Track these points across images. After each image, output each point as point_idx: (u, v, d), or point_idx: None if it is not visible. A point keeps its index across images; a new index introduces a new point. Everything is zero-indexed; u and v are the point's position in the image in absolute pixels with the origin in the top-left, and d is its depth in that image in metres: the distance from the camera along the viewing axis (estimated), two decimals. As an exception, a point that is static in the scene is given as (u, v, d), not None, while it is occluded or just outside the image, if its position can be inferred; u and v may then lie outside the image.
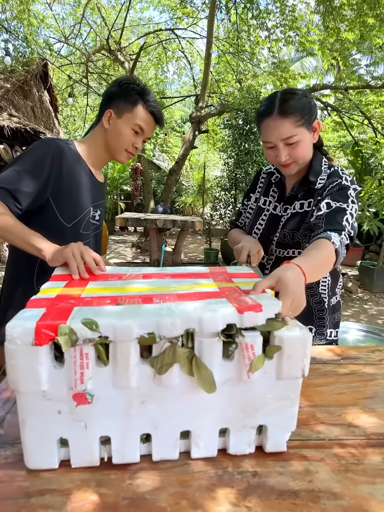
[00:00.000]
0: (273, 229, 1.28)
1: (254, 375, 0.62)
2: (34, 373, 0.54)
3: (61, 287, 0.74)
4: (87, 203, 1.31)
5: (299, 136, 1.09)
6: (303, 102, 1.10)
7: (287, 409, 0.68)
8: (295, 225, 1.22)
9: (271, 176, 1.34)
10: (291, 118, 1.07)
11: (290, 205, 1.25)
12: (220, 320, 0.60)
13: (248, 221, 1.39)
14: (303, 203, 1.23)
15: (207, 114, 7.47)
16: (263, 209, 1.33)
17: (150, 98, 1.26)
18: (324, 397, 0.90)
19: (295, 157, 1.13)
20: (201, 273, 0.90)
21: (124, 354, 0.57)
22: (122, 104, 1.24)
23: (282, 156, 1.11)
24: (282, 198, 1.29)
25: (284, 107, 1.07)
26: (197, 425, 0.66)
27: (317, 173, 1.20)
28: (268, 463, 0.68)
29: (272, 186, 1.33)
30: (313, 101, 1.14)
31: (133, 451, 0.64)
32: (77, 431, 0.60)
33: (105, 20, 8.38)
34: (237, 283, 0.81)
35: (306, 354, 0.64)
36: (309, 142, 1.15)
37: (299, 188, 1.23)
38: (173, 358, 0.59)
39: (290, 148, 1.11)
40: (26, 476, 0.61)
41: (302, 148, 1.12)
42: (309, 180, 1.19)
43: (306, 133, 1.11)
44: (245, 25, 7.61)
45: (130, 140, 1.26)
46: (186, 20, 8.60)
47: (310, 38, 6.95)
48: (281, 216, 1.27)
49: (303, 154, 1.14)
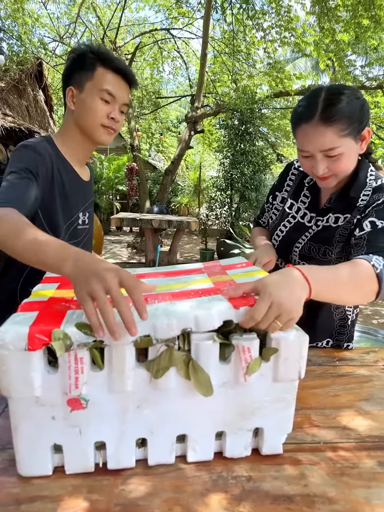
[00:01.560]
0: (296, 238, 1.14)
1: (251, 378, 0.62)
2: (27, 379, 0.53)
3: (54, 289, 0.73)
4: (75, 211, 1.19)
5: (343, 148, 0.91)
6: (353, 107, 0.90)
7: (283, 411, 0.68)
8: (325, 240, 1.07)
9: (305, 177, 1.17)
10: (336, 127, 0.88)
11: (323, 217, 1.09)
12: (216, 317, 0.60)
13: (272, 222, 1.26)
14: (339, 217, 1.06)
15: (203, 114, 7.47)
16: (288, 213, 1.18)
17: (109, 56, 1.09)
18: (319, 399, 0.90)
19: (335, 171, 0.95)
20: (195, 269, 0.89)
21: (119, 358, 0.57)
22: (80, 75, 1.08)
23: (320, 169, 0.94)
24: (314, 207, 1.12)
25: (329, 113, 0.88)
26: (193, 429, 0.65)
27: (361, 187, 1.02)
28: (263, 467, 0.67)
29: (303, 190, 1.16)
30: (366, 104, 0.94)
31: (128, 456, 0.64)
32: (72, 437, 0.59)
33: (100, 20, 8.35)
34: (232, 276, 0.80)
35: (302, 356, 0.64)
36: (354, 155, 0.96)
37: (337, 202, 1.06)
38: (170, 361, 0.59)
39: (330, 161, 0.93)
40: (17, 483, 0.60)
41: (345, 162, 0.94)
42: (349, 195, 1.03)
43: (352, 144, 0.92)
44: (240, 25, 7.61)
45: (101, 111, 1.09)
46: (181, 20, 8.59)
47: (305, 39, 6.97)
48: (309, 227, 1.11)
49: (345, 168, 0.96)
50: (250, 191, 6.82)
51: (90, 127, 1.11)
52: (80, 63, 1.09)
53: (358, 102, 0.91)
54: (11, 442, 0.59)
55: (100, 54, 1.09)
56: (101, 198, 10.38)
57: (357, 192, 1.02)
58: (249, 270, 0.85)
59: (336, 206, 1.06)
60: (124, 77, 1.11)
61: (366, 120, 0.94)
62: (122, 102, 1.12)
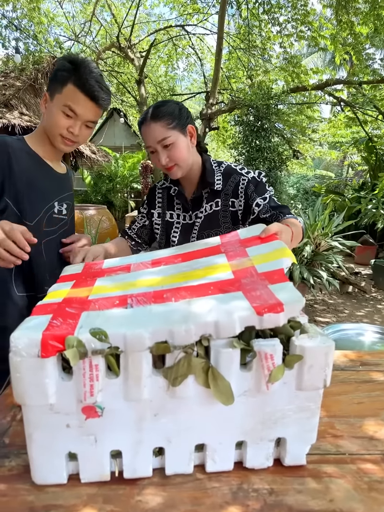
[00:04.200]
0: (188, 236, 1.35)
1: (273, 386, 0.59)
2: (41, 386, 0.51)
3: (68, 288, 0.71)
4: (48, 198, 1.25)
5: (173, 138, 1.17)
6: (172, 108, 1.19)
7: (307, 420, 0.64)
8: (213, 225, 1.31)
9: (169, 190, 1.39)
10: (162, 122, 1.17)
11: (198, 210, 1.33)
12: (238, 323, 0.56)
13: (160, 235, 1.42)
14: (212, 204, 1.31)
15: (218, 111, 7.41)
16: (172, 222, 1.39)
17: (83, 72, 1.10)
18: (343, 407, 0.86)
19: (174, 159, 1.20)
20: (213, 247, 0.86)
21: (135, 365, 0.54)
22: (54, 84, 1.13)
23: (162, 159, 1.19)
24: (187, 208, 1.35)
25: (156, 112, 1.18)
26: (212, 438, 0.63)
27: (211, 173, 1.29)
28: (285, 479, 0.64)
29: (174, 199, 1.39)
30: (185, 108, 1.24)
31: (145, 465, 0.61)
32: (87, 445, 0.57)
33: (115, 18, 8.35)
34: (253, 259, 0.75)
35: (328, 363, 0.60)
36: (185, 145, 1.22)
37: (199, 190, 1.30)
38: (188, 369, 0.56)
39: (167, 151, 1.19)
40: (31, 490, 0.59)
41: (179, 150, 1.19)
42: (207, 180, 1.28)
43: (180, 136, 1.20)
44: (256, 20, 7.50)
45: (60, 124, 1.13)
46: (196, 16, 8.53)
47: (322, 33, 6.83)
48: (194, 222, 1.34)
49: (181, 155, 1.20)
50: (265, 188, 6.72)
51: (50, 134, 1.18)
52: (56, 72, 1.14)
53: (176, 106, 1.22)
54: (25, 447, 0.57)
55: (76, 70, 1.11)
56: (116, 196, 10.42)
57: (211, 177, 1.28)
58: (271, 250, 0.78)
59: (200, 193, 1.30)
60: (90, 96, 1.13)
61: (188, 119, 1.23)
62: (85, 118, 1.16)
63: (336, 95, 7.43)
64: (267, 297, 0.60)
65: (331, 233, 4.06)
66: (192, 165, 1.28)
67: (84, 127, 1.18)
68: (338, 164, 15.27)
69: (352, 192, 8.06)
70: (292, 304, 0.58)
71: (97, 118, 1.21)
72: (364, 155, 8.28)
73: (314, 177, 12.84)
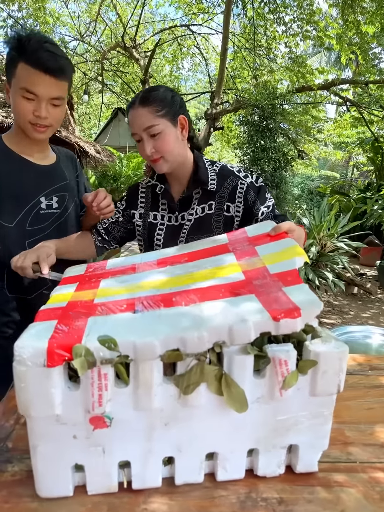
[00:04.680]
0: (174, 239, 1.23)
1: (287, 392, 0.58)
2: (47, 396, 0.50)
3: (72, 291, 0.69)
4: (31, 196, 1.17)
5: (161, 126, 1.07)
6: (164, 94, 1.10)
7: (320, 427, 0.63)
8: (204, 229, 1.20)
9: (154, 189, 1.27)
10: (151, 108, 1.07)
11: (186, 211, 1.22)
12: (253, 330, 0.54)
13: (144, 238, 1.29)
14: (204, 206, 1.21)
15: (223, 110, 7.38)
16: (155, 224, 1.26)
17: (32, 46, 0.99)
18: (352, 413, 0.85)
19: (160, 151, 1.10)
20: (220, 245, 0.82)
21: (146, 374, 0.53)
22: (8, 69, 1.03)
23: (147, 149, 1.09)
24: (174, 208, 1.24)
25: (145, 97, 1.08)
26: (224, 447, 0.61)
27: (205, 171, 1.19)
28: (295, 488, 0.63)
29: (159, 199, 1.27)
30: (178, 96, 1.14)
31: (154, 476, 0.60)
32: (94, 456, 0.56)
33: (120, 17, 8.34)
34: (263, 259, 0.72)
35: (342, 368, 0.59)
36: (174, 136, 1.11)
37: (190, 189, 1.21)
38: (201, 376, 0.54)
39: (154, 141, 1.09)
40: (34, 497, 0.58)
41: (166, 141, 1.09)
42: (199, 179, 1.18)
43: (170, 125, 1.10)
44: (261, 19, 7.46)
45: (24, 109, 1.04)
46: (201, 16, 8.50)
47: (328, 32, 6.78)
48: (182, 225, 1.22)
49: (168, 147, 1.10)
50: (270, 189, 6.70)
51: (21, 124, 1.10)
52: (7, 57, 1.03)
53: (169, 92, 1.12)
54: (28, 451, 0.56)
55: (21, 48, 0.99)
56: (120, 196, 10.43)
57: (204, 175, 1.18)
58: (282, 248, 0.74)
59: (190, 193, 1.20)
60: (43, 68, 1.00)
61: (180, 108, 1.12)
62: (48, 97, 1.04)
63: (342, 95, 7.38)
64: (282, 301, 0.58)
65: (337, 234, 4.03)
66: (181, 161, 1.18)
67: (51, 106, 1.06)
68: (343, 165, 15.18)
69: (358, 192, 8.01)
70: (309, 308, 0.56)
71: (62, 93, 1.07)
72: (370, 155, 8.22)
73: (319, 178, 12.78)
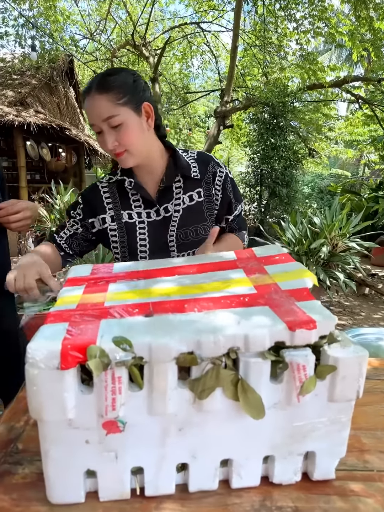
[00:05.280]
0: (164, 234, 1.11)
1: (305, 398, 0.55)
2: (59, 400, 0.48)
3: (80, 293, 0.67)
4: None
5: (123, 117, 0.95)
6: (125, 78, 0.97)
7: (337, 433, 0.60)
8: (195, 218, 1.11)
9: (121, 184, 1.11)
10: (110, 95, 0.94)
11: (169, 202, 1.10)
12: (268, 338, 0.53)
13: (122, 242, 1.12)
14: (192, 194, 1.10)
15: (233, 108, 7.35)
16: (133, 223, 1.11)
17: None
18: (369, 419, 0.81)
19: (124, 144, 0.98)
20: (228, 261, 0.81)
21: (161, 377, 0.51)
22: None
23: (109, 142, 0.97)
24: (151, 202, 1.10)
25: (103, 82, 0.95)
26: (239, 453, 0.59)
27: (184, 159, 1.10)
28: (311, 497, 0.60)
29: (130, 196, 1.12)
30: (141, 81, 1.01)
31: (168, 482, 0.58)
32: (107, 462, 0.53)
33: (130, 15, 8.34)
34: (273, 276, 0.71)
35: (362, 373, 0.56)
36: (138, 127, 0.99)
37: (169, 179, 1.08)
38: (216, 381, 0.52)
39: (116, 133, 0.97)
40: (45, 501, 0.56)
41: (129, 133, 0.97)
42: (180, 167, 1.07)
43: (133, 115, 0.97)
44: (272, 16, 7.41)
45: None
46: (211, 13, 8.46)
47: (340, 29, 6.71)
48: (169, 217, 1.10)
49: (132, 140, 0.98)
50: (280, 187, 6.65)
51: None
52: None
53: (131, 76, 0.99)
54: (39, 453, 0.54)
55: None
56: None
57: (185, 163, 1.09)
58: (292, 269, 0.74)
59: (170, 184, 1.09)
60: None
61: (143, 94, 1.00)
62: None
63: (354, 92, 7.30)
64: (297, 313, 0.57)
65: (348, 234, 3.97)
66: (149, 153, 1.06)
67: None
68: (354, 163, 15.04)
69: (369, 191, 7.92)
70: (324, 321, 0.55)
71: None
72: (382, 153, 8.12)
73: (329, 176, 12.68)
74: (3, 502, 0.56)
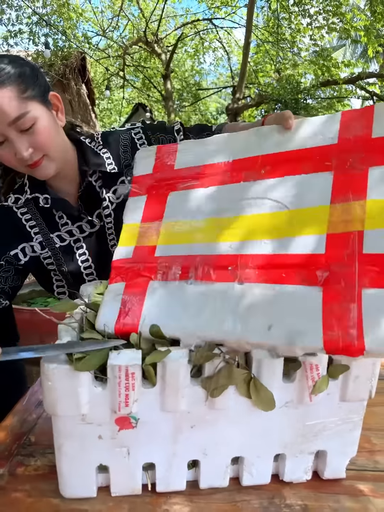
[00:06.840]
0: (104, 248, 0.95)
1: (317, 397, 0.55)
2: (74, 395, 0.48)
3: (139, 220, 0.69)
4: None
5: (34, 113, 0.74)
6: (20, 66, 0.74)
7: (349, 433, 0.60)
8: None
9: (34, 203, 0.91)
10: (10, 90, 0.71)
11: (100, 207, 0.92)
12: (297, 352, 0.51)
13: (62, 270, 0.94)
14: (116, 188, 0.91)
15: (245, 105, 7.31)
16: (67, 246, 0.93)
17: None
18: (379, 419, 0.81)
19: (41, 147, 0.77)
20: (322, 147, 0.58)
21: (174, 374, 0.51)
22: None
23: (23, 149, 0.74)
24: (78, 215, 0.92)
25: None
26: (250, 451, 0.59)
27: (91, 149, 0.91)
28: (320, 496, 0.60)
29: (52, 215, 0.92)
30: (35, 64, 0.81)
31: (179, 479, 0.58)
32: (119, 457, 0.54)
33: (142, 12, 8.34)
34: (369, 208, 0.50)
35: (375, 373, 0.56)
36: (52, 123, 0.80)
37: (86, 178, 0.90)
38: (229, 379, 0.52)
39: (28, 136, 0.75)
40: (57, 492, 0.57)
41: (44, 132, 0.76)
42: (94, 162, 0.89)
43: (44, 109, 0.77)
44: (286, 12, 7.33)
45: None
46: (224, 9, 8.41)
47: (355, 24, 6.60)
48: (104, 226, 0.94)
49: (49, 140, 0.77)
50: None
51: None
52: None
53: (24, 62, 0.77)
54: (51, 446, 0.56)
55: None
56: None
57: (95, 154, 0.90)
58: None
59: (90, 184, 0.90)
60: None
61: (44, 81, 0.80)
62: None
63: (368, 89, 7.20)
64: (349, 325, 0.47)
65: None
66: (65, 154, 0.86)
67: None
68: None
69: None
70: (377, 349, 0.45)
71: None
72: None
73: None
74: (16, 492, 0.58)
